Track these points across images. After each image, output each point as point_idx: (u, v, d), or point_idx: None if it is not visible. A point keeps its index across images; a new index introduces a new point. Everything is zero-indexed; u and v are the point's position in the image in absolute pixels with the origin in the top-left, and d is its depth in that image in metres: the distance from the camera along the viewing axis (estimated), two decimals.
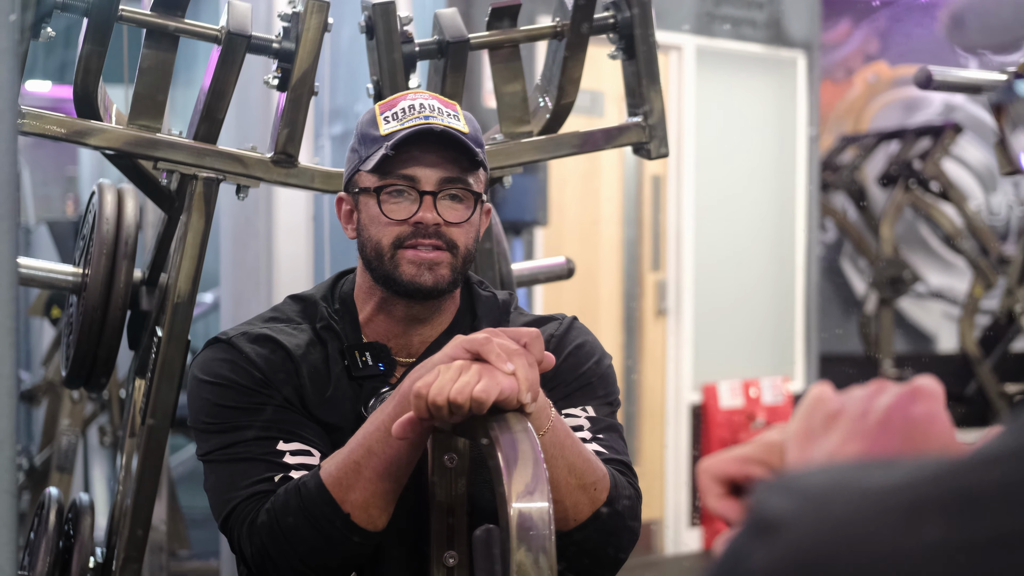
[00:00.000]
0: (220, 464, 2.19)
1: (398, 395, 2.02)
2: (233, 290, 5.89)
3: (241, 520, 2.12)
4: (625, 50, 2.95)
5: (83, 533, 2.84)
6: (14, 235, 1.32)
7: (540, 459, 1.85)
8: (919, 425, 0.92)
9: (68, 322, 2.98)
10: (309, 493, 2.05)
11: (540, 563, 1.81)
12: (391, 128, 2.21)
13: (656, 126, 2.96)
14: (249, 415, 2.19)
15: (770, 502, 0.79)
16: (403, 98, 2.26)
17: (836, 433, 0.94)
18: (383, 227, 2.22)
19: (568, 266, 3.38)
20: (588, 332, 2.37)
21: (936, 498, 0.75)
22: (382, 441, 2.02)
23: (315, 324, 2.29)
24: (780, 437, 1.02)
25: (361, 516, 2.04)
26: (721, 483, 1.05)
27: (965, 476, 0.76)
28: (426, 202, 2.21)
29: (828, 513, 0.76)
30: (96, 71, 2.63)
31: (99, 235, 2.80)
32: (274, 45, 2.72)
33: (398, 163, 2.21)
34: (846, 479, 0.79)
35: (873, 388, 0.95)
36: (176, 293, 2.70)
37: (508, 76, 2.92)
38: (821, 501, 0.77)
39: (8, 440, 1.29)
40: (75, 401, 5.79)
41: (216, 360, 2.25)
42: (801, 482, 0.80)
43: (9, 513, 1.29)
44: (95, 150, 2.71)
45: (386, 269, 2.22)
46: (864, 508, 0.76)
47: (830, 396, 0.97)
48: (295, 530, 2.06)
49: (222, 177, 2.72)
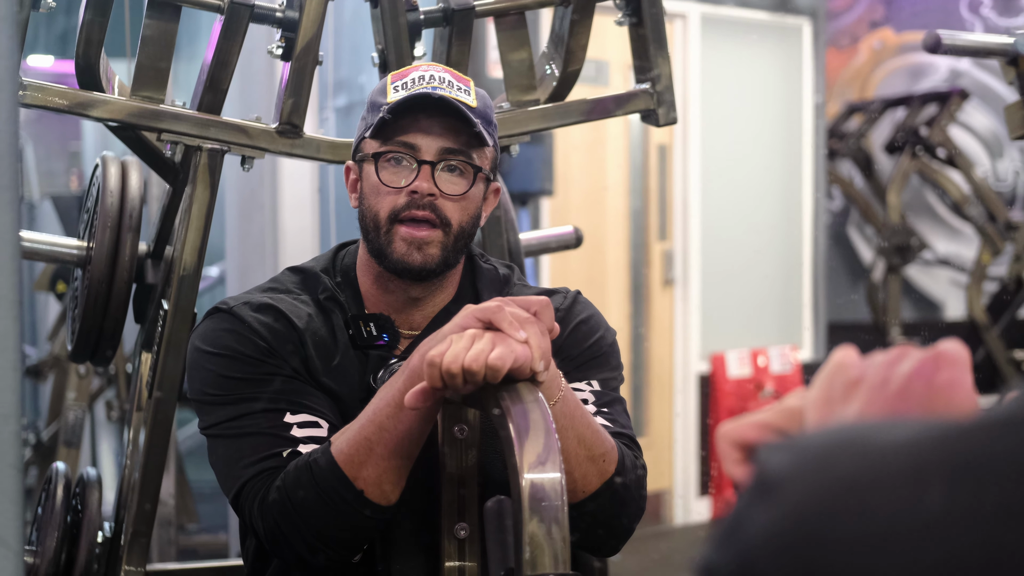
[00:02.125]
0: (226, 439, 2.17)
1: (408, 368, 2.01)
2: (239, 263, 5.88)
3: (252, 497, 2.11)
4: (632, 15, 2.92)
5: (91, 508, 2.83)
6: (16, 206, 1.30)
7: (552, 429, 1.83)
8: (941, 392, 0.90)
9: (73, 296, 2.96)
10: (321, 471, 2.04)
11: (553, 534, 1.79)
12: (398, 96, 2.19)
13: (664, 92, 2.94)
14: (254, 386, 2.17)
15: (771, 462, 0.77)
16: (415, 69, 2.24)
17: (856, 400, 0.92)
18: (381, 196, 2.20)
19: (576, 235, 3.36)
20: (592, 306, 2.36)
21: (941, 462, 0.73)
22: (393, 416, 2.00)
23: (317, 295, 2.27)
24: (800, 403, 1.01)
25: (374, 492, 2.03)
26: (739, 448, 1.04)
27: (972, 441, 0.74)
28: (423, 171, 2.18)
29: (829, 473, 0.74)
30: (98, 41, 2.61)
31: (103, 208, 2.78)
32: (277, 14, 2.69)
33: (399, 130, 2.19)
34: (849, 438, 0.77)
35: (896, 354, 0.93)
36: (182, 266, 2.68)
37: (514, 44, 2.89)
38: (822, 460, 0.76)
39: (14, 414, 1.27)
40: (81, 376, 5.79)
41: (219, 330, 2.23)
42: (803, 442, 0.79)
43: (15, 488, 1.28)
44: (98, 122, 2.69)
45: (380, 243, 2.20)
46: (866, 468, 0.74)
47: (852, 362, 0.95)
48: (308, 508, 2.04)
49: (227, 148, 2.70)
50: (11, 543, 1.28)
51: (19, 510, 1.28)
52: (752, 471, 0.78)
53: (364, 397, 2.14)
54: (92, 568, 2.80)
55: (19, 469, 1.28)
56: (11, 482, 1.27)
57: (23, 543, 1.30)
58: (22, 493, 1.30)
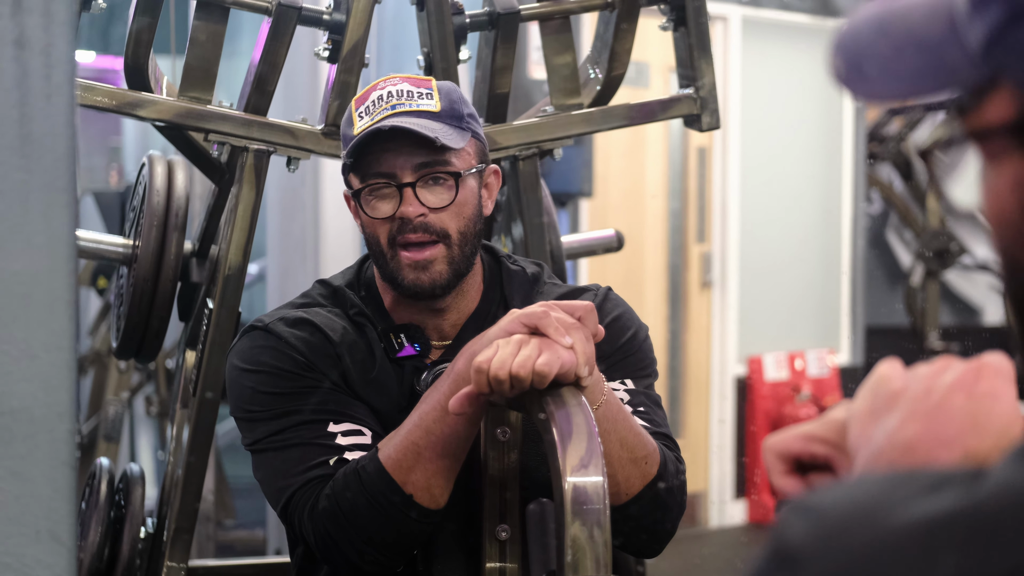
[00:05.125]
0: (271, 452, 2.18)
1: (453, 372, 2.02)
2: (280, 262, 5.90)
3: (301, 507, 2.12)
4: (676, 21, 2.93)
5: (134, 504, 2.85)
6: (73, 209, 1.32)
7: (595, 433, 1.85)
8: (982, 403, 0.91)
9: (118, 293, 2.98)
10: (369, 477, 2.05)
11: (595, 537, 1.80)
12: (363, 125, 2.18)
13: (708, 98, 2.94)
14: (295, 400, 2.18)
15: (792, 529, 0.80)
16: (375, 88, 2.23)
17: (897, 412, 0.93)
18: (376, 226, 2.20)
19: (618, 238, 3.37)
20: (623, 302, 2.36)
21: (952, 535, 0.76)
22: (439, 420, 2.02)
23: (347, 311, 2.28)
24: (844, 415, 1.02)
25: (423, 496, 2.05)
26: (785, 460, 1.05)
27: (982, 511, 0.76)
28: (406, 195, 2.17)
29: (846, 547, 0.78)
30: (147, 43, 2.64)
31: (149, 207, 2.81)
32: (325, 16, 2.71)
33: (371, 163, 2.19)
34: (867, 506, 0.80)
35: (939, 365, 0.94)
36: (227, 265, 2.70)
37: (559, 48, 2.90)
38: (840, 532, 0.79)
39: (69, 413, 1.29)
40: (121, 371, 5.82)
41: (256, 348, 2.23)
42: (823, 507, 0.81)
43: (69, 486, 1.30)
44: (146, 122, 2.71)
45: (390, 270, 2.20)
46: (882, 544, 0.77)
47: (895, 374, 0.96)
48: (358, 513, 2.06)
49: (273, 149, 2.72)
50: (65, 540, 1.30)
51: (73, 508, 1.30)
52: (773, 533, 0.81)
53: (404, 407, 2.15)
54: (134, 564, 2.82)
55: (74, 468, 1.30)
56: (65, 480, 1.29)
57: (76, 540, 1.32)
58: (76, 491, 1.32)
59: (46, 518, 1.28)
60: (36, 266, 1.28)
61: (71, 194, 1.31)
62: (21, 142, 1.28)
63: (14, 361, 1.27)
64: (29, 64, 1.29)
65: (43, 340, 1.27)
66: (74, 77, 1.35)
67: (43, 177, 1.29)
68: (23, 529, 1.27)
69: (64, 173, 1.31)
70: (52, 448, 1.28)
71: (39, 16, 1.29)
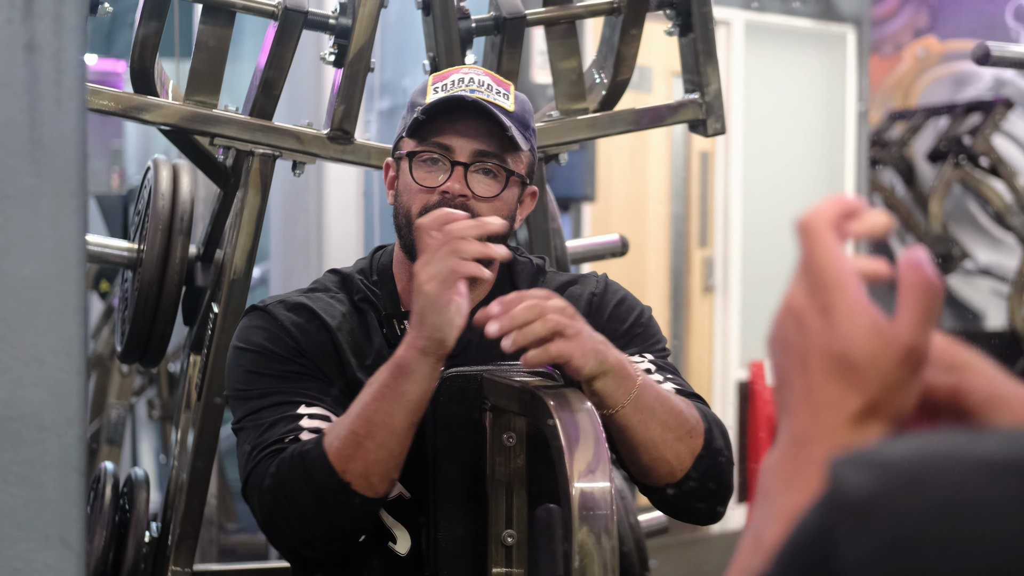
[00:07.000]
0: (245, 431, 2.20)
1: (393, 361, 2.03)
2: (283, 265, 5.91)
3: (254, 487, 2.13)
4: (683, 27, 2.93)
5: (139, 508, 2.85)
6: (83, 213, 1.31)
7: (601, 438, 1.85)
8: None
9: (123, 297, 2.98)
10: (312, 461, 2.06)
11: (602, 542, 1.80)
12: (436, 97, 2.21)
13: (713, 103, 2.94)
14: (278, 383, 2.20)
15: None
16: (457, 71, 2.26)
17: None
18: (413, 194, 2.22)
19: (623, 243, 3.37)
20: (622, 287, 2.40)
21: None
22: (381, 411, 2.02)
23: (353, 296, 2.29)
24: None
25: (361, 484, 2.05)
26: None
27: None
28: (456, 172, 2.20)
29: (924, 491, 0.68)
30: (153, 47, 2.64)
31: (155, 211, 2.80)
32: (330, 21, 2.71)
33: (435, 131, 2.21)
34: (936, 452, 0.71)
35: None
36: (232, 269, 2.70)
37: (564, 52, 2.91)
38: (911, 477, 0.69)
39: (78, 418, 1.29)
40: (124, 374, 5.81)
41: (252, 328, 2.27)
42: (884, 457, 0.72)
43: (78, 492, 1.29)
44: (153, 126, 2.71)
45: (412, 239, 2.19)
46: (966, 484, 0.68)
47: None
48: (297, 496, 2.07)
49: (278, 153, 2.72)
50: (74, 545, 1.29)
51: (81, 513, 1.30)
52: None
53: None
54: (139, 568, 2.82)
55: (82, 473, 1.30)
56: (75, 485, 1.29)
57: (85, 545, 1.32)
58: (85, 497, 1.32)
59: (55, 523, 1.28)
60: (46, 271, 1.28)
61: (81, 199, 1.30)
62: (31, 146, 1.28)
63: (23, 366, 1.27)
64: (40, 69, 1.29)
65: (52, 345, 1.27)
66: (84, 82, 1.35)
67: (53, 182, 1.29)
68: (32, 534, 1.27)
69: (74, 178, 1.31)
70: (61, 453, 1.28)
71: (50, 21, 1.29)
